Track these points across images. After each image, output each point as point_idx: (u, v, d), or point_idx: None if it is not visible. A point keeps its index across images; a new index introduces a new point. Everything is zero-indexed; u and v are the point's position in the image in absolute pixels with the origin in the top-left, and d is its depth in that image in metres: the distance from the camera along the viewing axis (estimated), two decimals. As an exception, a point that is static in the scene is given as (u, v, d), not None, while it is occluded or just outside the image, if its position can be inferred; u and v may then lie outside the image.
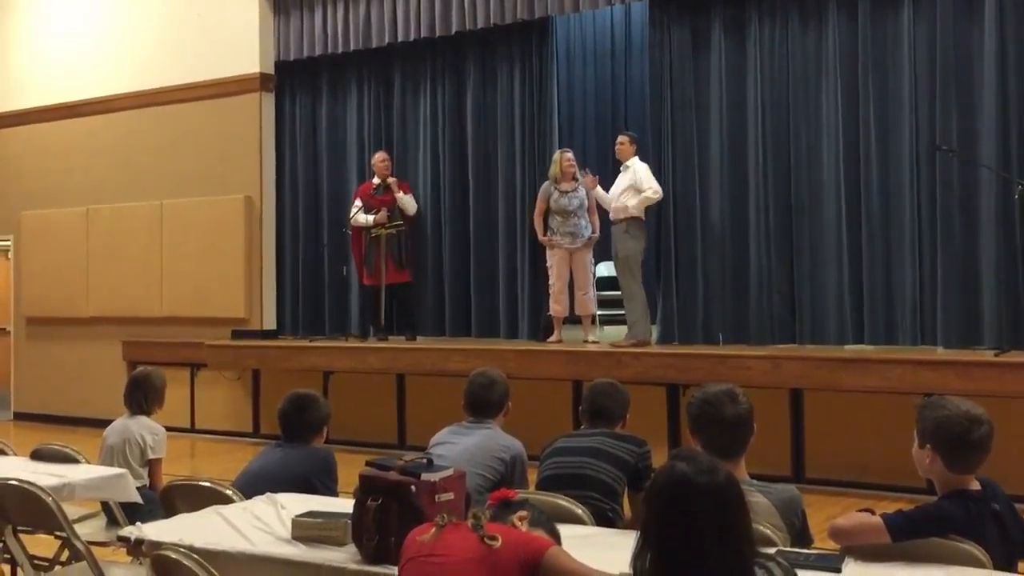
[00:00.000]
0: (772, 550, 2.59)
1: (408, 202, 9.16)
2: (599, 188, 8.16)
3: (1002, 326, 6.80)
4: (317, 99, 10.14)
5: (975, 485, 2.82)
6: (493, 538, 2.37)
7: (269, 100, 10.07)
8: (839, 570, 2.63)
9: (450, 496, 2.81)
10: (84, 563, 3.62)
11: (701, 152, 8.04)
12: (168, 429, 5.01)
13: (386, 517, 2.75)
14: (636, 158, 7.96)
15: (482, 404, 4.11)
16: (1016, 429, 5.67)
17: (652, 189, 7.76)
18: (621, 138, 8.10)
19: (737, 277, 7.83)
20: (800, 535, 3.00)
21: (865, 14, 7.41)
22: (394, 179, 9.17)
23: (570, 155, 8.33)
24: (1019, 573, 2.79)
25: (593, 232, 8.31)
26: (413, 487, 2.80)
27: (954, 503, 2.77)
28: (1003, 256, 6.83)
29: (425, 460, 3.01)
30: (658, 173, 8.06)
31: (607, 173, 8.74)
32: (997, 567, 2.63)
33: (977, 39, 7.01)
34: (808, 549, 2.94)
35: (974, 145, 6.99)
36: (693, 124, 8.08)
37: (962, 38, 7.07)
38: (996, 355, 6.31)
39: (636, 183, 7.78)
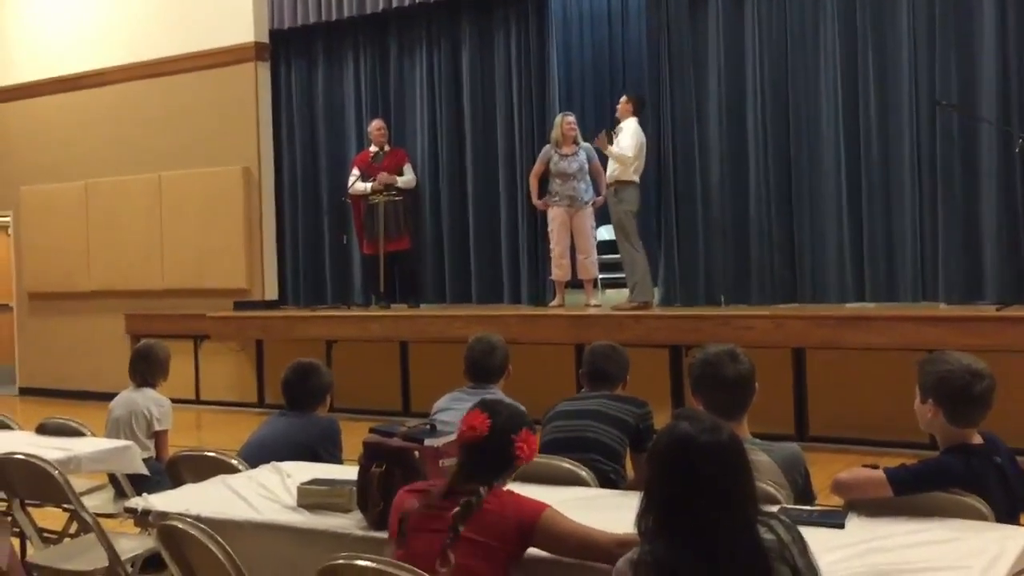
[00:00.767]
0: (775, 507, 2.60)
1: (407, 180, 9.12)
2: (612, 147, 8.03)
3: (1003, 281, 6.80)
4: (313, 67, 10.08)
5: (977, 439, 2.83)
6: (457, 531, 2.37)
7: (265, 69, 10.01)
8: (842, 526, 2.64)
9: (453, 461, 2.82)
10: (92, 535, 3.65)
11: (700, 113, 8.00)
12: (173, 401, 5.02)
13: (390, 483, 2.77)
14: (633, 119, 7.92)
15: (483, 370, 4.13)
16: (1018, 383, 5.68)
17: (619, 147, 7.71)
18: (623, 98, 8.08)
19: (738, 237, 7.82)
20: (803, 492, 3.02)
21: (863, -31, 7.35)
22: (386, 174, 9.05)
23: (571, 118, 8.29)
24: (1021, 525, 2.80)
25: (596, 195, 8.28)
26: (416, 452, 2.82)
27: (956, 457, 2.78)
28: (1004, 211, 6.81)
29: (428, 426, 3.02)
30: (657, 135, 8.03)
31: (605, 136, 8.72)
32: (999, 520, 2.65)
33: (977, -8, 6.96)
34: (811, 506, 2.96)
35: (974, 99, 6.95)
36: (692, 85, 8.03)
37: (961, -9, 7.02)
38: (998, 310, 6.31)
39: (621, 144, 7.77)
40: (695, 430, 2.03)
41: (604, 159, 8.11)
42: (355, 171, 9.23)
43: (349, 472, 3.10)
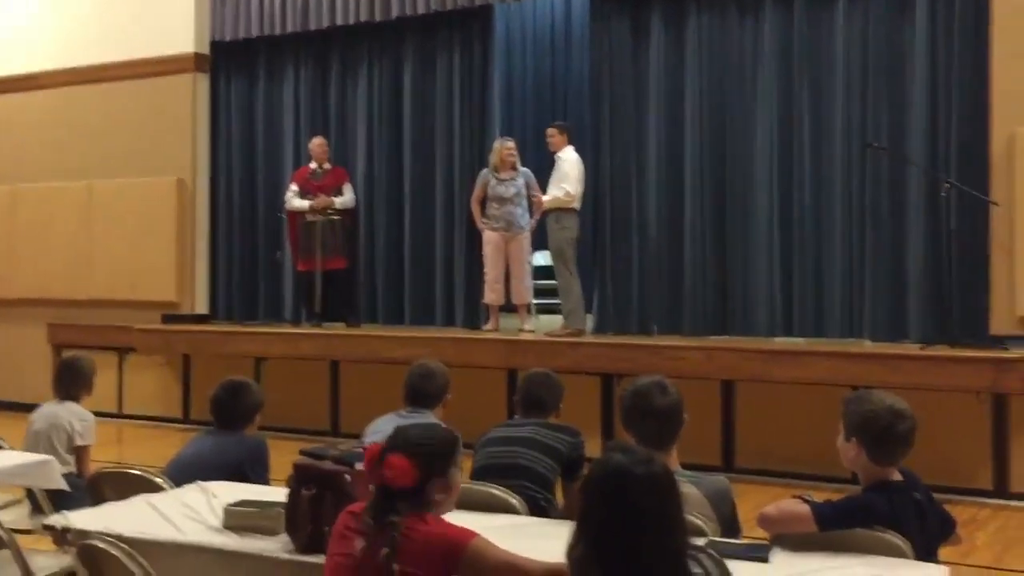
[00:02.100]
0: (703, 540, 2.63)
1: (346, 201, 9.08)
2: (545, 197, 8.13)
3: (927, 321, 6.98)
4: (253, 81, 9.99)
5: (897, 476, 2.90)
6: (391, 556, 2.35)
7: (204, 81, 9.90)
8: (767, 559, 2.68)
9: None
10: (6, 551, 3.54)
11: (639, 144, 8.10)
12: (95, 414, 4.92)
13: (320, 507, 2.74)
14: (569, 148, 8.00)
15: (420, 394, 4.13)
16: (937, 422, 5.84)
17: (565, 191, 7.82)
18: (550, 130, 8.16)
19: (672, 268, 7.92)
20: (730, 525, 3.06)
21: (801, 9, 7.52)
22: (325, 197, 8.99)
23: (511, 143, 8.33)
24: (939, 560, 2.87)
25: (531, 221, 8.32)
26: (348, 476, 2.80)
27: (878, 494, 2.84)
28: (929, 253, 7.00)
29: (360, 449, 3.00)
30: (596, 164, 8.11)
31: (545, 163, 8.76)
32: (918, 556, 2.71)
33: (908, 37, 7.17)
34: (737, 539, 2.99)
35: (904, 142, 7.15)
36: (632, 116, 8.13)
37: (894, 36, 7.23)
38: (921, 349, 6.47)
39: (560, 176, 7.84)
40: (630, 461, 2.05)
41: (543, 185, 8.17)
42: (293, 187, 9.16)
43: (277, 493, 3.07)
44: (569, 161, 7.93)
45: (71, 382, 4.81)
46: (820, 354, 6.72)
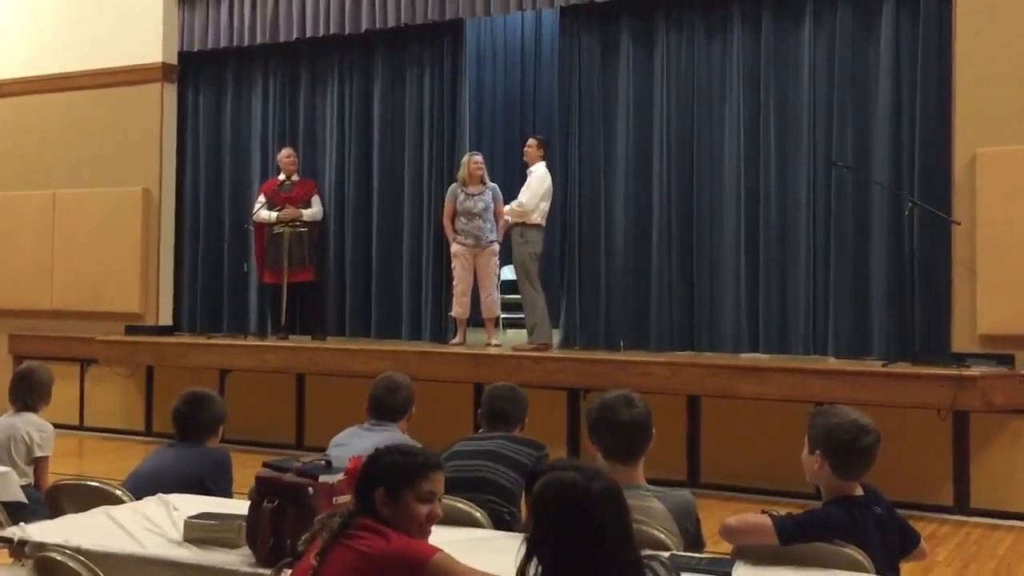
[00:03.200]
0: (665, 554, 2.64)
1: (314, 213, 9.05)
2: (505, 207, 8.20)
3: (890, 338, 7.05)
4: (222, 92, 9.94)
5: (859, 491, 2.92)
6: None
7: (171, 91, 9.83)
8: (729, 574, 2.69)
9: (347, 498, 2.78)
10: (-38, 564, 3.49)
11: (607, 160, 8.14)
12: (56, 426, 4.86)
13: (282, 519, 2.72)
14: (542, 163, 8.04)
15: (384, 408, 4.12)
16: (898, 438, 5.89)
17: (519, 202, 7.91)
18: (530, 141, 8.21)
19: (639, 284, 7.95)
20: (693, 540, 3.07)
21: (768, 29, 7.61)
22: (292, 209, 8.97)
23: (478, 158, 8.34)
24: (900, 574, 2.90)
25: (498, 236, 8.34)
26: (310, 489, 2.78)
27: (839, 508, 2.86)
28: (892, 271, 7.08)
29: (323, 462, 2.98)
30: (564, 179, 8.14)
31: (514, 177, 8.80)
32: (877, 570, 2.73)
33: (873, 58, 7.27)
34: (700, 554, 3.00)
35: (868, 161, 7.23)
36: (600, 132, 8.17)
37: (859, 57, 7.32)
38: (884, 366, 6.54)
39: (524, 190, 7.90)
40: (582, 477, 2.06)
41: (512, 198, 8.19)
42: (261, 198, 9.11)
43: (239, 506, 3.04)
44: (536, 176, 7.97)
45: (28, 393, 4.74)
46: (784, 370, 6.76)
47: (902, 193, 6.96)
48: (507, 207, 8.05)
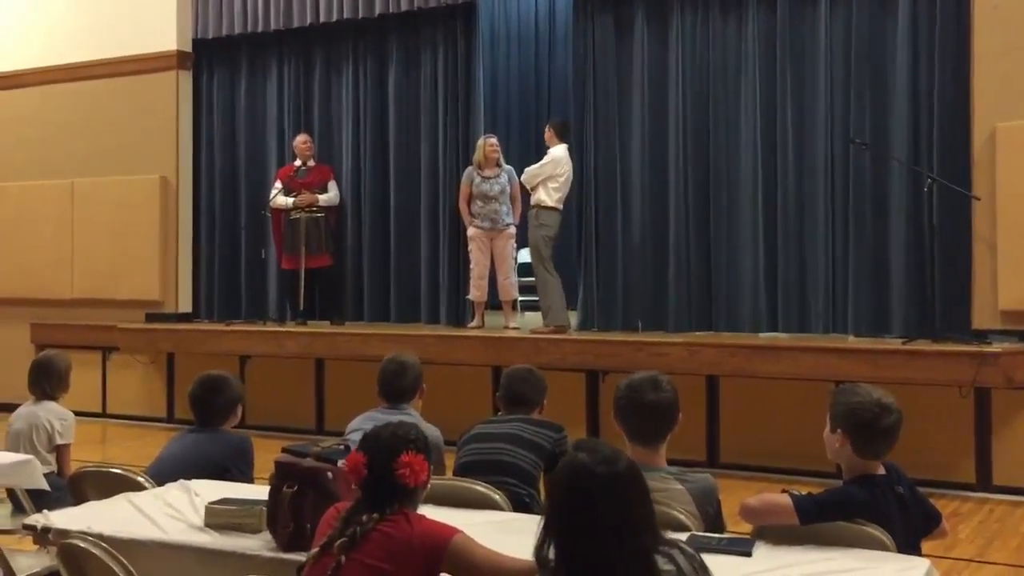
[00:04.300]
0: (684, 535, 2.63)
1: (331, 198, 9.06)
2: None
3: (909, 316, 7.00)
4: (236, 79, 9.95)
5: (880, 470, 2.90)
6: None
7: (187, 78, 9.85)
8: (749, 553, 2.69)
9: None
10: (-12, 551, 3.52)
11: (623, 140, 8.10)
12: (79, 414, 4.89)
13: (301, 504, 2.73)
14: (560, 146, 8.00)
15: (394, 390, 4.11)
16: (920, 416, 5.85)
17: (524, 175, 7.96)
18: (547, 125, 8.20)
19: (656, 264, 7.93)
20: (714, 523, 3.06)
21: (784, 6, 7.54)
22: (309, 194, 8.97)
23: (494, 140, 8.32)
24: (921, 553, 2.88)
25: (515, 219, 8.33)
26: (329, 473, 2.79)
27: (861, 487, 2.85)
28: (912, 249, 7.02)
29: (342, 446, 2.99)
30: (580, 160, 8.11)
31: (530, 159, 8.76)
32: (900, 549, 2.72)
33: (891, 34, 7.19)
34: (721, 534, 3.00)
35: (887, 138, 7.17)
36: (615, 112, 8.13)
37: (876, 33, 7.25)
38: (903, 344, 6.50)
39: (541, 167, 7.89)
40: (592, 460, 2.04)
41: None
42: (277, 184, 9.13)
43: (259, 492, 3.05)
44: (549, 157, 7.93)
45: (47, 381, 4.78)
46: (803, 349, 6.74)
47: (921, 169, 6.90)
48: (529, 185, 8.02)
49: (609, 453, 2.07)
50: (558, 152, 7.96)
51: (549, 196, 7.84)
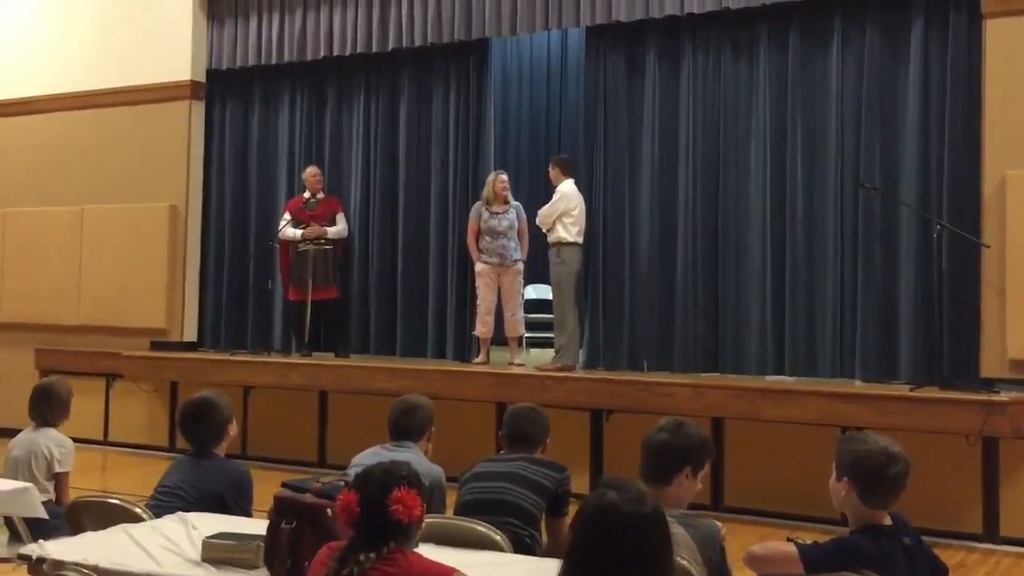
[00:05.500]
0: (688, 582, 2.59)
1: (339, 231, 9.08)
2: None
3: (917, 362, 6.96)
4: (249, 109, 10.00)
5: (887, 520, 2.86)
6: None
7: (199, 108, 9.91)
8: (753, 602, 2.64)
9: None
10: (-18, 580, 3.49)
11: (632, 179, 8.11)
12: (80, 441, 4.88)
13: (300, 540, 2.71)
14: (567, 181, 8.00)
15: (402, 429, 4.11)
16: (926, 464, 5.78)
17: (539, 218, 7.93)
18: (550, 163, 8.19)
19: (663, 304, 7.90)
20: (717, 570, 3.01)
21: (795, 49, 7.57)
22: (317, 227, 9.00)
23: (504, 177, 8.34)
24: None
25: (522, 255, 8.33)
26: (329, 511, 2.75)
27: (867, 537, 2.81)
28: (920, 293, 6.99)
29: (343, 482, 2.95)
30: (588, 198, 8.10)
31: (539, 196, 8.79)
32: (906, 602, 2.68)
33: (902, 79, 7.21)
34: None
35: (896, 183, 7.16)
36: (625, 151, 8.15)
37: (888, 77, 7.27)
38: (911, 390, 6.45)
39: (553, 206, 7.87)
40: (620, 499, 2.03)
41: (533, 219, 8.18)
42: (286, 216, 9.15)
43: (258, 526, 3.02)
44: (560, 195, 7.93)
45: (47, 408, 4.75)
46: (809, 393, 6.69)
47: (930, 215, 6.89)
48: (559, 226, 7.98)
49: (637, 493, 2.07)
50: (566, 187, 7.96)
51: (568, 232, 7.82)
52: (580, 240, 7.89)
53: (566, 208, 7.87)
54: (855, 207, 7.30)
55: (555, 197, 7.96)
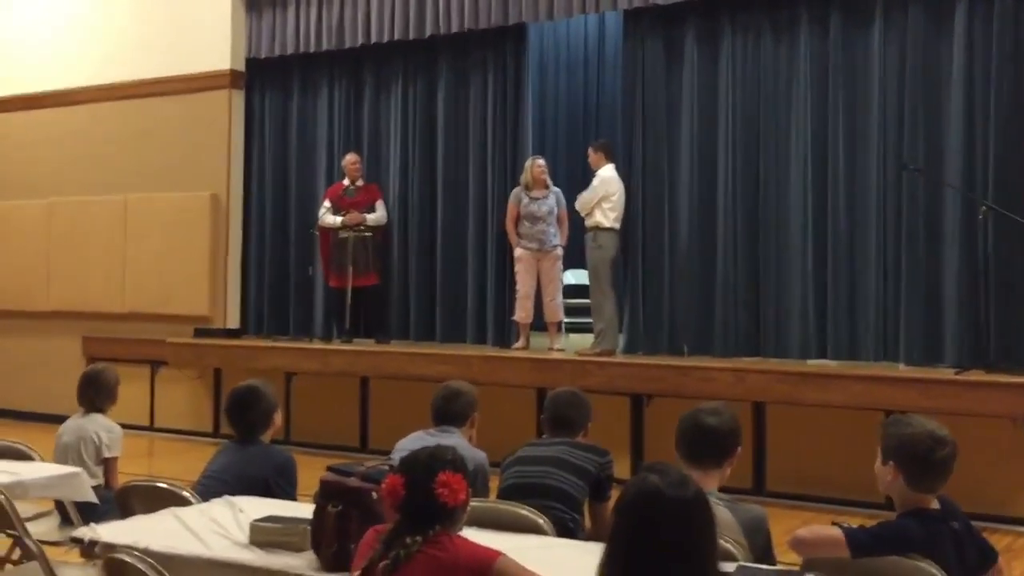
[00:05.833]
0: (732, 565, 2.59)
1: (379, 217, 9.12)
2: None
3: (963, 344, 6.87)
4: (288, 98, 10.06)
5: (934, 504, 2.83)
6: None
7: (239, 97, 9.98)
8: (799, 586, 2.63)
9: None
10: (35, 563, 3.56)
11: (671, 164, 8.06)
12: (127, 427, 4.94)
13: (346, 524, 2.73)
14: (608, 167, 7.98)
15: (444, 415, 4.13)
16: (972, 448, 5.71)
17: (578, 203, 7.91)
18: (590, 148, 8.16)
19: (704, 288, 7.86)
20: (763, 555, 3.01)
21: (836, 30, 7.47)
22: (356, 214, 9.03)
23: (542, 162, 8.33)
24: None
25: (562, 241, 8.32)
26: (374, 494, 2.78)
27: (915, 521, 2.78)
28: (965, 275, 6.90)
29: (387, 466, 2.98)
30: (628, 183, 8.07)
31: (577, 181, 8.76)
32: (954, 587, 2.65)
33: (946, 59, 7.10)
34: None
35: (940, 164, 7.06)
36: (664, 135, 8.10)
37: (931, 57, 7.16)
38: (956, 373, 6.37)
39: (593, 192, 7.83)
40: (663, 483, 2.03)
41: (571, 203, 8.17)
42: (326, 203, 9.20)
43: (304, 510, 3.05)
44: (599, 180, 7.91)
45: (95, 394, 4.83)
46: (852, 377, 6.63)
47: (975, 196, 6.79)
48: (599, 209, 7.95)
49: (680, 477, 2.07)
50: (606, 173, 7.94)
51: (606, 217, 7.81)
52: (617, 226, 7.87)
53: (606, 193, 7.84)
54: (898, 189, 7.21)
55: (595, 182, 7.95)
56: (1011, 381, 6.11)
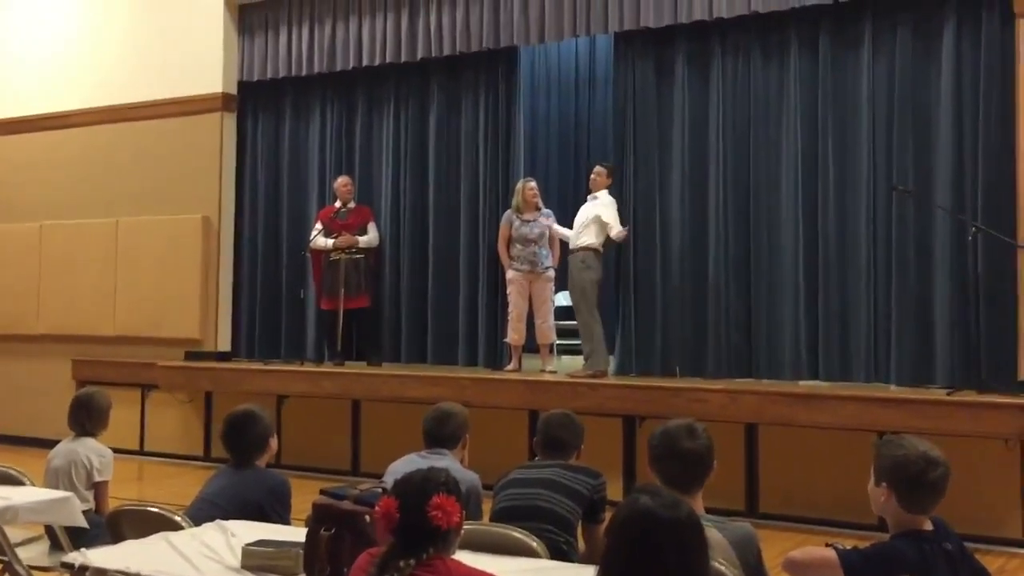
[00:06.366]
0: (726, 587, 2.58)
1: (371, 239, 9.13)
2: (559, 227, 8.21)
3: (954, 365, 6.89)
4: (280, 121, 10.09)
5: (928, 525, 2.84)
6: None
7: (231, 120, 10.00)
8: (793, 608, 2.63)
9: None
10: (25, 589, 3.53)
11: (662, 185, 8.09)
12: (117, 451, 4.91)
13: (339, 547, 2.72)
14: (606, 191, 8.01)
15: (436, 437, 4.11)
16: (964, 469, 5.73)
17: (616, 231, 7.77)
18: (598, 168, 8.14)
19: (695, 309, 7.87)
20: (755, 573, 3.00)
21: (826, 53, 7.53)
22: (348, 236, 9.04)
23: (533, 184, 8.36)
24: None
25: (554, 263, 8.34)
26: (367, 517, 2.77)
27: (908, 542, 2.78)
28: (956, 296, 6.93)
29: (380, 489, 2.97)
30: (619, 205, 8.10)
31: (569, 203, 8.79)
32: (948, 608, 2.65)
33: (935, 80, 7.16)
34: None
35: (930, 186, 7.11)
36: (655, 157, 8.14)
37: (920, 79, 7.22)
38: (948, 394, 6.39)
39: (601, 216, 7.82)
40: (656, 505, 2.03)
41: (563, 225, 8.19)
42: (318, 225, 9.21)
43: (296, 533, 3.04)
44: (611, 203, 7.92)
45: (87, 418, 4.81)
46: (845, 398, 6.64)
47: (965, 217, 6.83)
48: (604, 232, 7.87)
49: (672, 499, 2.08)
50: (608, 196, 7.97)
51: (596, 238, 7.83)
52: (602, 249, 7.90)
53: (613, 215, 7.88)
54: (888, 210, 7.25)
55: (605, 203, 7.91)
56: (1002, 401, 6.13)
